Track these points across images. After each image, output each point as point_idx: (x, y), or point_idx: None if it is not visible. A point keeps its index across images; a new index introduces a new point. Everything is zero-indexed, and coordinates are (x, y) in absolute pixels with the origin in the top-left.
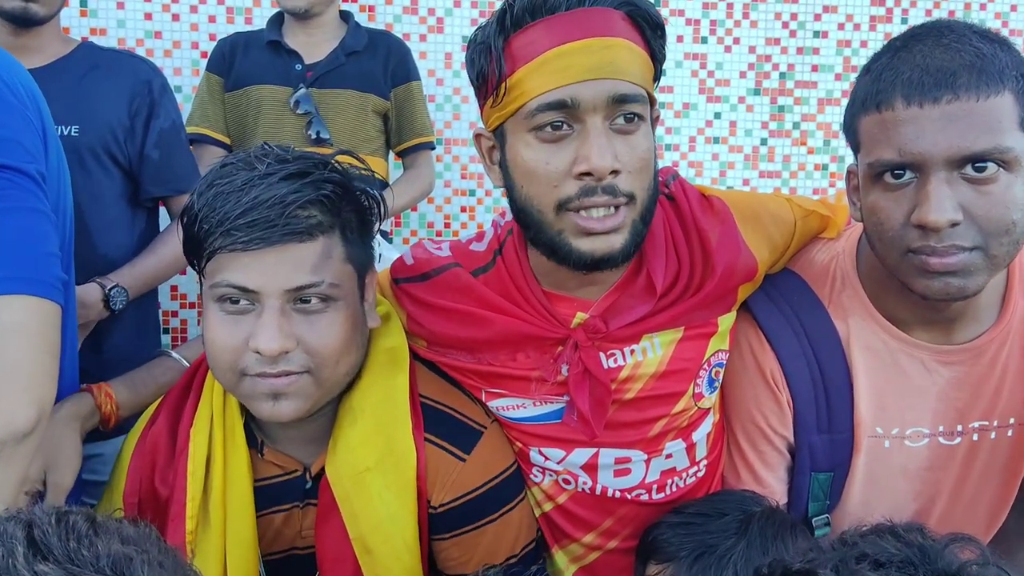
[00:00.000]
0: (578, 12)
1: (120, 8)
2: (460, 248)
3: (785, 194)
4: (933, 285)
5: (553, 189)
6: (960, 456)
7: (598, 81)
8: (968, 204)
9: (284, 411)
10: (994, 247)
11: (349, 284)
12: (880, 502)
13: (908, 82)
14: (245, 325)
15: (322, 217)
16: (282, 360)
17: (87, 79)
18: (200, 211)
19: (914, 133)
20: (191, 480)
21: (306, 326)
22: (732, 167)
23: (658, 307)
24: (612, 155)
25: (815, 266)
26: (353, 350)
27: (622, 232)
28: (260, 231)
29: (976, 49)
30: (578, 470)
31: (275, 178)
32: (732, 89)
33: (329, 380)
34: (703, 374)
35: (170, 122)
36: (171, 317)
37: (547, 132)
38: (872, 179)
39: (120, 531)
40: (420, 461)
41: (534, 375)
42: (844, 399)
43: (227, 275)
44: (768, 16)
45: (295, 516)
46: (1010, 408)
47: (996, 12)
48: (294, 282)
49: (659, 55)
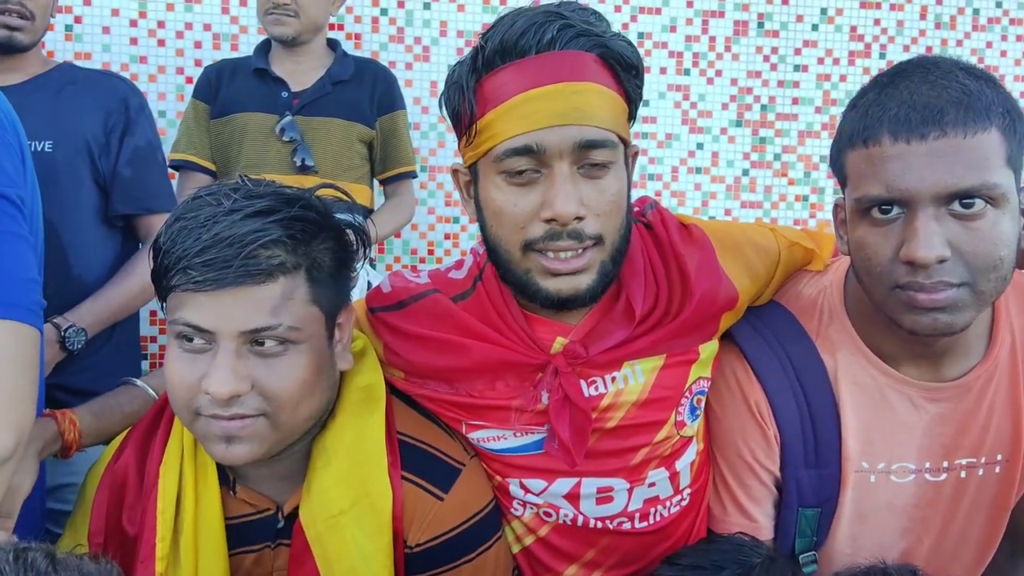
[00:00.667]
0: (548, 56)
1: (106, 32)
2: (439, 276)
3: (769, 224)
4: (921, 321)
5: (520, 230)
6: (947, 493)
7: (564, 127)
8: (956, 240)
9: (237, 454)
10: (981, 283)
11: (313, 327)
12: (868, 538)
13: (895, 118)
14: (201, 364)
15: (285, 257)
16: (235, 403)
17: (63, 94)
18: (164, 245)
19: (901, 169)
20: (161, 519)
21: (263, 369)
22: (714, 197)
23: (637, 332)
24: (577, 201)
25: (802, 299)
26: (316, 393)
27: (589, 272)
28: (215, 272)
29: (963, 86)
30: (560, 500)
31: (239, 215)
32: (714, 120)
33: (287, 425)
34: (685, 402)
35: (145, 141)
36: (150, 343)
37: (514, 176)
38: (859, 214)
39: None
40: (397, 500)
41: (514, 404)
42: (831, 433)
43: (183, 313)
44: (750, 50)
45: (266, 557)
46: (997, 445)
47: (972, 48)
48: (250, 324)
49: (633, 95)
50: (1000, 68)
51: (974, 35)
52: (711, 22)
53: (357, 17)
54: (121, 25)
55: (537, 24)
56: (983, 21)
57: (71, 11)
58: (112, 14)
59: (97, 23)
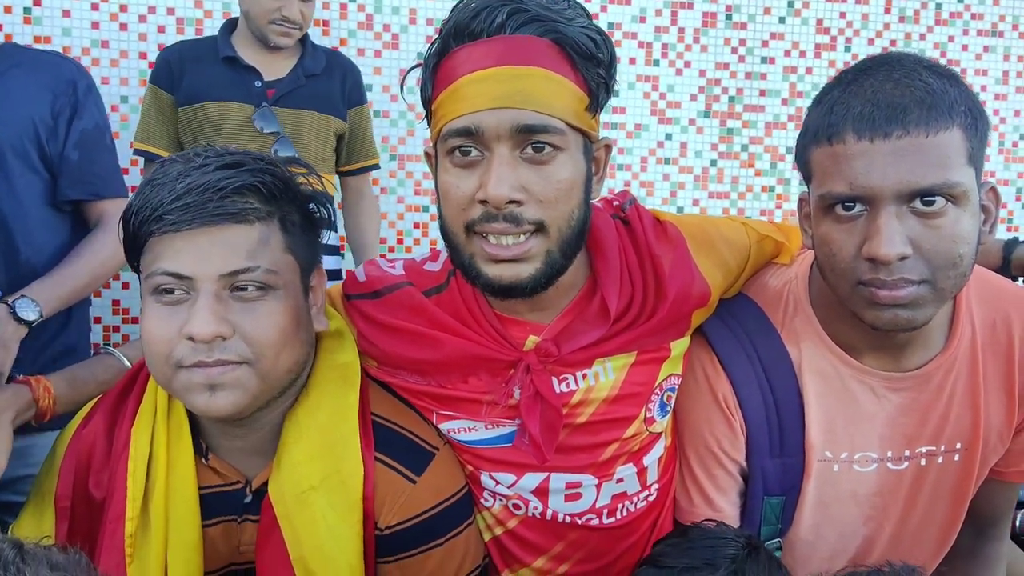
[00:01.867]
0: (498, 40)
1: (66, 16)
2: (414, 267)
3: (741, 218)
4: (883, 316)
5: (461, 212)
6: (908, 481)
7: (503, 110)
8: (917, 238)
9: (221, 403)
10: (941, 280)
11: (290, 275)
12: (830, 526)
13: (859, 116)
14: (180, 314)
15: (259, 204)
16: (218, 348)
17: (7, 76)
18: (136, 205)
19: (864, 167)
20: (131, 480)
21: (244, 314)
22: (682, 187)
23: (611, 332)
24: (511, 185)
25: (768, 291)
26: (296, 345)
27: (532, 261)
28: (192, 212)
29: (926, 84)
30: (529, 495)
31: (211, 167)
32: (683, 111)
33: (270, 374)
34: (655, 398)
35: (93, 123)
36: (112, 332)
37: (458, 157)
38: (823, 210)
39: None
40: (369, 481)
41: (486, 398)
42: (795, 423)
43: (161, 263)
44: (718, 41)
45: (232, 530)
46: (957, 433)
47: (935, 42)
48: (229, 266)
49: (592, 84)
50: (962, 62)
51: (937, 29)
52: (680, 13)
53: (325, 4)
54: (82, 8)
55: (490, 8)
56: (945, 16)
57: None
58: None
59: (57, 6)
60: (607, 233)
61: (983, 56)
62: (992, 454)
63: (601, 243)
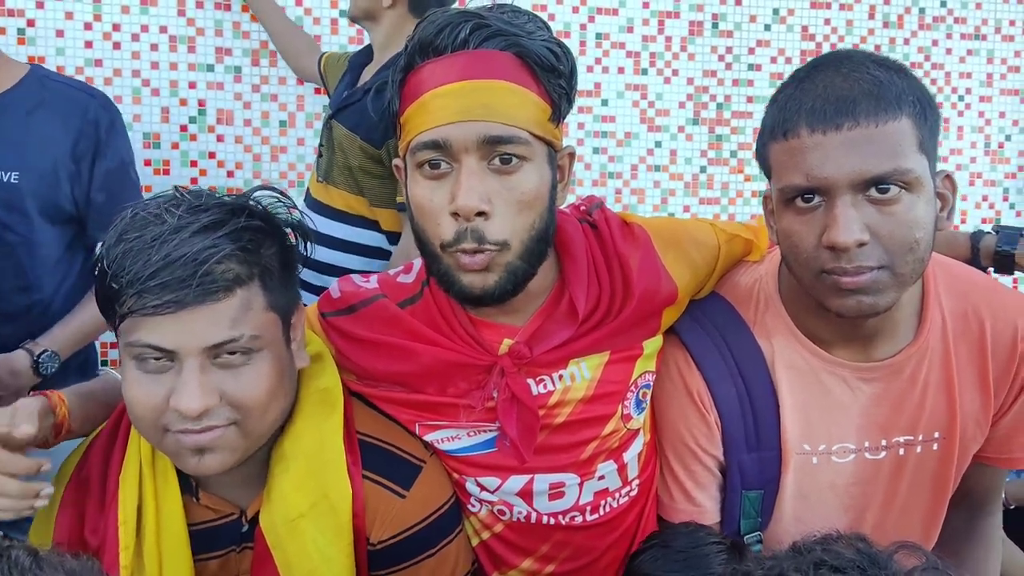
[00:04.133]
0: (461, 54)
1: (59, 36)
2: (387, 280)
3: (709, 219)
4: (846, 303)
5: (436, 226)
6: (886, 470)
7: (468, 123)
8: (873, 225)
9: (210, 465)
10: (899, 265)
11: (272, 332)
12: (812, 518)
13: (811, 111)
14: (165, 382)
15: (239, 269)
16: (205, 416)
17: (32, 119)
18: (110, 269)
19: (819, 159)
20: (123, 529)
21: (229, 380)
22: (673, 194)
23: (580, 332)
24: (479, 195)
25: (739, 288)
26: (281, 397)
27: (494, 272)
28: (172, 293)
29: (874, 77)
30: (514, 498)
31: (187, 232)
32: (672, 119)
33: (256, 431)
34: (631, 395)
35: (117, 161)
36: (111, 349)
37: (427, 170)
38: (784, 203)
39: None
40: (358, 500)
41: (462, 402)
42: (771, 417)
43: (142, 335)
44: (705, 49)
45: (232, 561)
46: (933, 423)
47: (919, 47)
48: (212, 339)
49: (554, 95)
50: (946, 65)
51: (920, 33)
52: (667, 23)
53: (316, 19)
54: (75, 28)
55: (452, 24)
56: (928, 20)
57: (23, 14)
58: (66, 17)
59: (51, 27)
60: (575, 236)
61: (967, 59)
62: (971, 442)
63: (569, 246)
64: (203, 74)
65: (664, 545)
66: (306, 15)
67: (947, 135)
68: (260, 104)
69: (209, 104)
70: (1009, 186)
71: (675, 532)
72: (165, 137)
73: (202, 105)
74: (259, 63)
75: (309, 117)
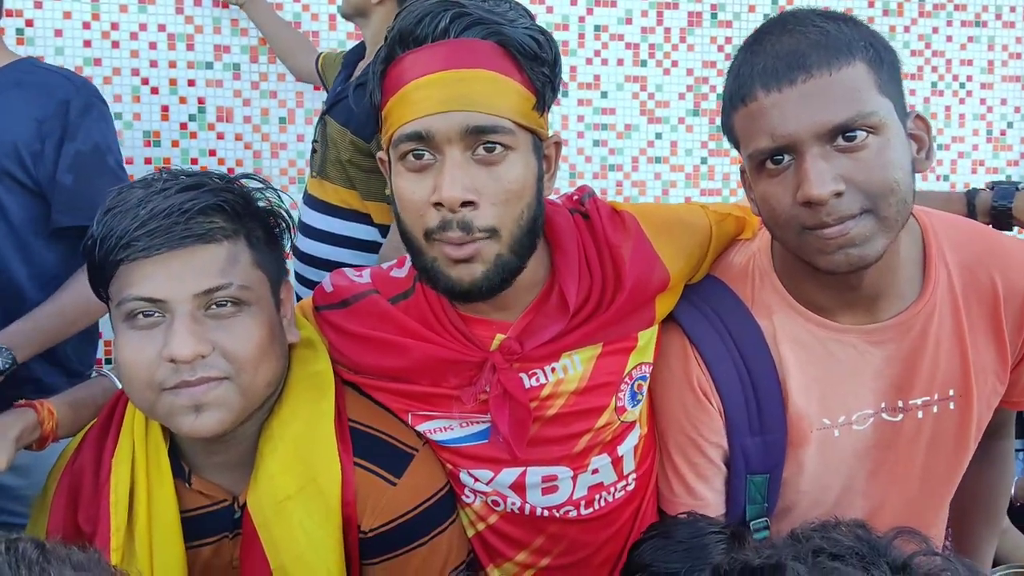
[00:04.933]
0: (442, 44)
1: (58, 36)
2: (380, 275)
3: (699, 202)
4: (835, 259)
5: (420, 218)
6: (906, 433)
7: (451, 113)
8: (847, 173)
9: (206, 423)
10: (883, 208)
11: (261, 289)
12: (834, 484)
13: (763, 71)
14: (157, 337)
15: (224, 223)
16: (199, 366)
17: (2, 96)
18: (99, 234)
19: (779, 117)
20: (114, 511)
21: (221, 331)
22: (674, 185)
23: (572, 325)
24: (463, 186)
25: (734, 268)
26: (272, 359)
27: (482, 262)
28: (160, 237)
29: (820, 28)
30: (507, 490)
31: (172, 191)
32: (672, 110)
33: (250, 389)
34: (625, 387)
35: (91, 145)
36: None
37: (410, 161)
38: (756, 170)
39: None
40: (349, 486)
41: (455, 394)
42: (775, 400)
43: (131, 290)
44: (704, 40)
45: (225, 547)
46: (947, 379)
47: (919, 34)
48: (202, 285)
49: (537, 83)
50: (947, 53)
51: (921, 21)
52: (666, 14)
53: (314, 15)
54: (74, 28)
55: (433, 13)
56: (929, 8)
57: (22, 15)
58: (64, 16)
59: (49, 26)
60: (566, 228)
61: (968, 46)
62: (992, 396)
63: (560, 238)
64: (202, 72)
65: (664, 535)
66: (304, 11)
67: (949, 123)
68: (259, 101)
69: (208, 102)
70: (1012, 173)
71: (675, 522)
72: (165, 135)
73: (201, 103)
74: (258, 60)
75: (308, 113)
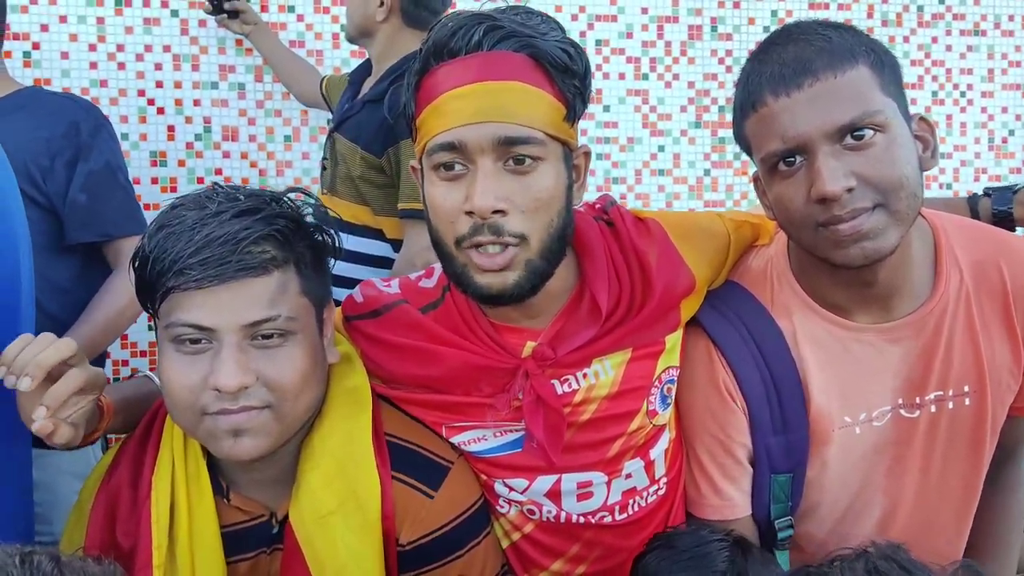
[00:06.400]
0: (476, 56)
1: (64, 58)
2: (409, 285)
3: (715, 211)
4: (850, 253)
5: (451, 225)
6: (923, 429)
7: (483, 124)
8: (858, 170)
9: (244, 448)
10: (893, 202)
11: (307, 318)
12: (854, 483)
13: (772, 78)
14: (203, 363)
15: (276, 252)
16: (242, 396)
17: (7, 120)
18: (151, 253)
19: (790, 120)
20: (156, 528)
21: (265, 361)
22: (678, 198)
23: (603, 330)
24: (495, 196)
25: (752, 272)
26: (314, 384)
27: (514, 270)
28: (213, 268)
29: (824, 36)
30: (542, 498)
31: (227, 215)
32: (674, 123)
33: (290, 415)
34: (655, 391)
35: (102, 163)
36: (122, 367)
37: (443, 171)
38: (769, 173)
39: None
40: (387, 500)
41: (489, 402)
42: (797, 399)
43: (182, 314)
44: (705, 53)
45: (262, 563)
46: (962, 375)
47: (919, 44)
48: (250, 317)
49: (568, 95)
50: (947, 62)
51: (920, 31)
52: (666, 27)
53: (318, 34)
54: (80, 50)
55: (467, 27)
56: (927, 17)
57: (28, 38)
58: (70, 39)
59: (55, 49)
60: (592, 235)
61: (967, 55)
62: (1006, 393)
63: (588, 245)
64: (207, 92)
65: (668, 545)
66: (307, 31)
67: (950, 131)
68: (264, 120)
69: (214, 121)
70: (1014, 181)
71: (679, 532)
72: (171, 155)
73: (207, 122)
74: (262, 79)
75: (313, 131)
